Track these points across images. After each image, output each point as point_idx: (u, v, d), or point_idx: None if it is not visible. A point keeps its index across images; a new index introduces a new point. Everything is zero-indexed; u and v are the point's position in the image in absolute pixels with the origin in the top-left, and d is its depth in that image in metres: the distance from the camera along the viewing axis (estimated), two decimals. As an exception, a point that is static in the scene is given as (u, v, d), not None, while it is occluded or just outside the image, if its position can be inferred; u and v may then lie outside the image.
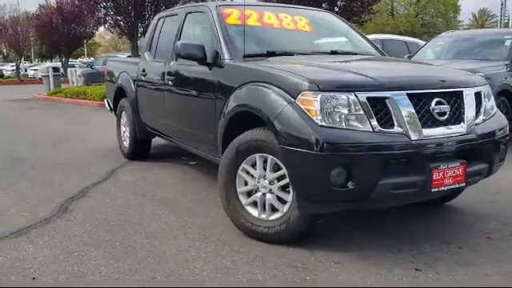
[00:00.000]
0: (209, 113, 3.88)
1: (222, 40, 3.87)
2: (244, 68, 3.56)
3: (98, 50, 63.63)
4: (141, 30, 15.08)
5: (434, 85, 3.12)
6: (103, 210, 4.00)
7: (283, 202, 3.18)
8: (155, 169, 5.47)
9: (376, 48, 4.54)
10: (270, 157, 3.16)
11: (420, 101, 2.98)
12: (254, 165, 3.29)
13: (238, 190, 3.37)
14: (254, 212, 3.31)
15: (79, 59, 45.73)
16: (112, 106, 6.43)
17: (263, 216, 3.27)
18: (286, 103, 2.95)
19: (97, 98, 13.51)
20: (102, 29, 31.26)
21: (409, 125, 2.89)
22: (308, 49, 4.15)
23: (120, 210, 3.99)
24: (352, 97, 2.85)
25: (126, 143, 6.01)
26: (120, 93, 6.07)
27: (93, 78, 18.19)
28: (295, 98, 2.93)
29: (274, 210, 3.24)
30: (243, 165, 3.31)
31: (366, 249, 3.17)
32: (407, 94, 2.94)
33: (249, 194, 3.36)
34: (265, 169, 3.22)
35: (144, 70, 5.31)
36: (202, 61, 3.90)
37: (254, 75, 3.38)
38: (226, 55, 3.77)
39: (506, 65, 7.13)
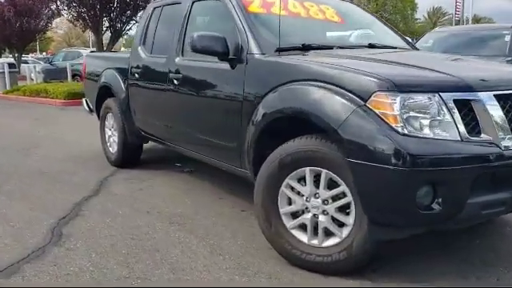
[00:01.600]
0: (231, 118, 3.31)
1: (247, 31, 3.29)
2: (283, 64, 3.00)
3: (51, 46, 61.09)
4: (106, 24, 14.15)
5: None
6: (106, 232, 3.37)
7: (341, 224, 2.66)
8: (150, 178, 4.84)
9: (407, 41, 4.08)
10: (324, 171, 2.63)
11: (506, 103, 2.52)
12: (300, 180, 2.75)
13: (281, 210, 2.83)
14: (303, 237, 2.77)
15: (31, 55, 43.65)
16: (94, 107, 5.71)
17: (315, 242, 2.73)
18: (353, 107, 2.42)
19: (60, 97, 12.55)
20: (55, 23, 29.75)
21: (498, 131, 2.42)
22: (345, 42, 3.64)
23: (127, 232, 3.36)
24: (436, 98, 2.35)
25: (113, 149, 5.33)
26: (105, 92, 5.38)
27: (52, 74, 17.08)
28: (366, 101, 2.40)
29: (328, 234, 2.71)
30: (288, 180, 2.77)
31: (437, 278, 2.69)
32: (494, 96, 2.47)
33: (294, 215, 2.82)
34: (316, 185, 2.69)
35: (138, 67, 4.66)
36: (223, 56, 3.32)
37: (299, 73, 2.83)
38: (254, 49, 3.20)
39: (508, 61, 6.88)
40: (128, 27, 14.52)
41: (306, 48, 3.27)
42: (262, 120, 2.96)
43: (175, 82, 3.99)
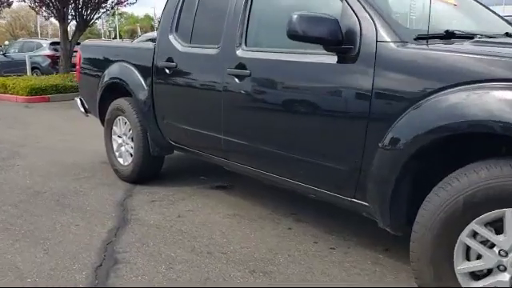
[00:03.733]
0: (343, 132, 2.44)
1: (372, 11, 2.39)
2: (456, 59, 2.10)
3: (-6, 36, 57.56)
4: (72, 12, 12.74)
5: None
6: (171, 292, 2.40)
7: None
8: (180, 198, 3.86)
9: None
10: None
11: None
12: (488, 225, 1.90)
13: (458, 267, 1.97)
14: (491, 306, 1.93)
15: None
16: (95, 108, 4.63)
17: (513, 315, 1.89)
18: None
19: (22, 93, 11.10)
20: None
21: None
22: (483, 29, 2.81)
23: (201, 290, 2.42)
24: None
25: (126, 161, 4.30)
26: (113, 90, 4.33)
27: (6, 67, 15.43)
28: None
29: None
30: (473, 225, 1.91)
31: None
32: None
33: (476, 275, 1.97)
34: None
35: (169, 60, 3.65)
36: (334, 45, 2.42)
37: (488, 71, 1.96)
38: (386, 36, 2.31)
39: None
40: (97, 16, 13.17)
41: (449, 36, 2.41)
42: (415, 138, 2.09)
43: (236, 80, 3.04)
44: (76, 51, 13.82)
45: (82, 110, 5.05)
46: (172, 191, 4.05)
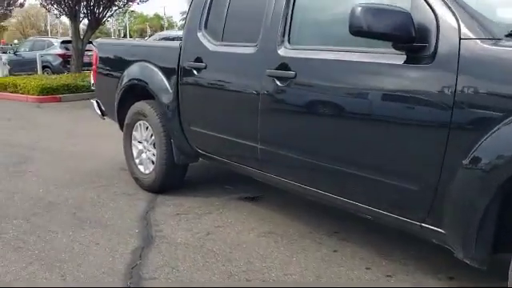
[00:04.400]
0: (415, 148, 2.07)
1: (450, 2, 2.01)
2: None
3: (4, 35, 57.64)
4: (83, 10, 12.42)
5: None
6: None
7: None
8: (207, 211, 3.52)
9: None
10: None
11: None
12: None
13: None
14: None
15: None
16: (114, 111, 4.29)
17: None
18: None
19: (33, 92, 10.81)
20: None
21: None
22: None
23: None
24: None
25: (147, 169, 3.95)
26: (133, 92, 3.99)
27: (18, 66, 15.17)
28: None
29: None
30: None
31: None
32: None
33: None
34: None
35: (198, 60, 3.30)
36: (405, 42, 2.05)
37: None
38: (471, 32, 1.93)
39: None
40: (109, 14, 12.85)
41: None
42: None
43: (278, 82, 2.67)
44: (88, 50, 13.67)
45: (99, 112, 4.71)
46: (197, 203, 3.70)
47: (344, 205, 2.52)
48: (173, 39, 12.03)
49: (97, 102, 4.72)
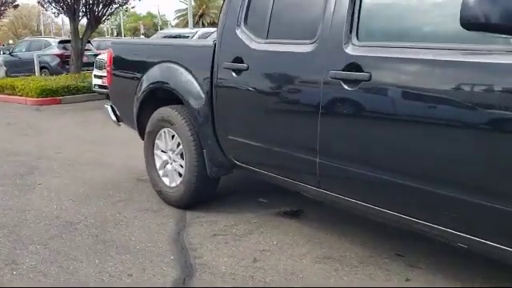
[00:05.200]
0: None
1: None
2: None
3: (-4, 35, 56.98)
4: (82, 9, 11.93)
5: None
6: None
7: None
8: (248, 232, 3.12)
9: None
10: None
11: None
12: None
13: None
14: None
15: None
16: (134, 117, 3.86)
17: None
18: None
19: (32, 94, 10.36)
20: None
21: None
22: None
23: None
24: None
25: (173, 182, 3.53)
26: (156, 97, 3.58)
27: (14, 67, 14.67)
28: None
29: None
30: None
31: None
32: None
33: None
34: None
35: (238, 60, 2.88)
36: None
37: None
38: None
39: None
40: (109, 12, 12.37)
41: None
42: None
43: (345, 85, 2.27)
44: (87, 50, 13.18)
45: (114, 118, 4.29)
46: (232, 220, 3.30)
47: (423, 229, 2.12)
48: (175, 37, 11.59)
49: (111, 106, 4.29)
